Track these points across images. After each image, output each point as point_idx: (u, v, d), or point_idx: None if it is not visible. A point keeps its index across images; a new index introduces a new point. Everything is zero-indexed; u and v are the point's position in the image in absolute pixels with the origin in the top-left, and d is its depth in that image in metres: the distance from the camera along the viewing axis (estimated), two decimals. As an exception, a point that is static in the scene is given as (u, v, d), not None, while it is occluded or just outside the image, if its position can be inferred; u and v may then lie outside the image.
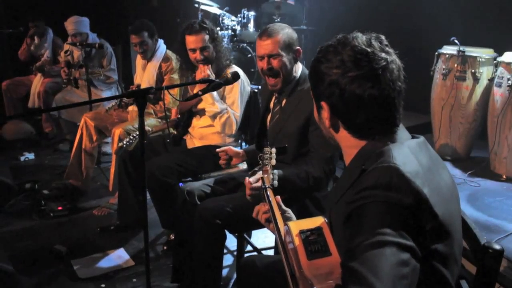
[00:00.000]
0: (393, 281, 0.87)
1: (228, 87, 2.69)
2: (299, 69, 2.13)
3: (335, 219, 1.16)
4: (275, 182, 1.65)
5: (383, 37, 1.12)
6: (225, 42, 4.69)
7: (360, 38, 1.09)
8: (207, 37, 2.67)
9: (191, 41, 2.66)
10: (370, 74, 1.05)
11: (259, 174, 1.80)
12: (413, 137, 1.13)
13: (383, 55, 1.06)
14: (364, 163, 1.04)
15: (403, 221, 0.93)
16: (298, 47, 2.09)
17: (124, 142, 2.79)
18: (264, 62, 2.06)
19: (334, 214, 1.16)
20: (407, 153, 1.04)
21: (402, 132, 1.11)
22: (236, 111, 2.70)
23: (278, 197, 1.55)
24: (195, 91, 2.28)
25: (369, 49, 1.06)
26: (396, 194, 0.94)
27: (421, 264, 0.95)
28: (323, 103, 1.14)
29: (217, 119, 2.66)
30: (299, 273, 1.17)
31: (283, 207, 1.55)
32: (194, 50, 2.67)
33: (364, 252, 0.90)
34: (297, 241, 1.19)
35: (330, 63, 1.09)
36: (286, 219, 1.49)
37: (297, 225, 1.24)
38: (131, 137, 2.80)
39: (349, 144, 1.15)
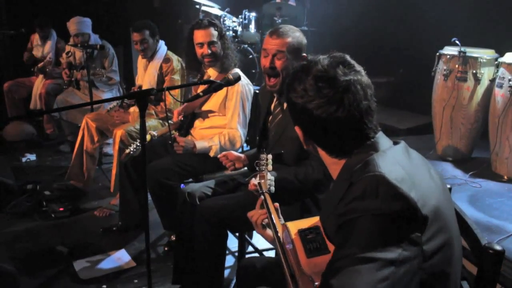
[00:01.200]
0: None
1: (228, 106, 2.70)
2: None
3: (329, 232, 1.17)
4: (272, 188, 1.67)
5: (347, 57, 1.13)
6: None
7: (321, 63, 1.10)
8: (215, 33, 2.68)
9: (200, 35, 2.66)
10: (333, 99, 1.06)
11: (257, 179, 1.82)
12: (394, 143, 1.14)
13: (344, 78, 1.07)
14: (352, 176, 1.06)
15: (391, 231, 0.94)
16: (304, 54, 2.08)
17: (131, 149, 2.79)
18: (267, 60, 2.06)
19: (327, 227, 1.17)
20: (391, 160, 1.05)
21: (383, 140, 1.12)
22: (233, 127, 2.69)
23: (277, 204, 1.57)
24: (199, 91, 2.29)
25: (330, 74, 1.07)
26: (384, 202, 0.95)
27: (418, 267, 0.96)
28: (296, 128, 1.18)
29: (222, 147, 2.65)
30: (298, 272, 1.17)
31: (279, 213, 1.56)
32: (201, 45, 2.67)
33: (344, 267, 0.93)
34: (295, 240, 1.20)
35: (295, 93, 1.12)
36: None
37: (296, 225, 1.25)
38: (138, 144, 2.79)
39: (330, 162, 1.18)
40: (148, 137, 2.70)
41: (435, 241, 0.99)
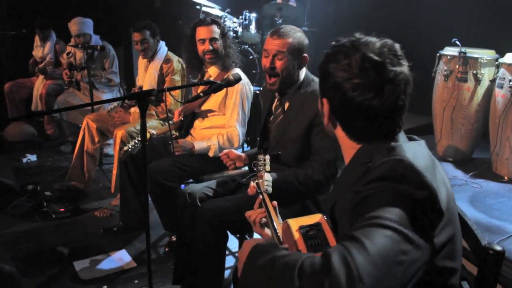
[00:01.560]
0: (388, 261, 0.85)
1: (228, 104, 2.71)
2: (302, 72, 2.12)
3: (339, 216, 1.15)
4: (269, 189, 1.69)
5: (397, 46, 1.08)
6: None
7: (372, 45, 1.06)
8: (218, 30, 2.70)
9: (202, 32, 2.68)
10: (374, 85, 1.03)
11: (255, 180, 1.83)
12: (409, 139, 1.14)
13: (391, 67, 1.04)
14: (370, 161, 1.04)
15: (411, 215, 0.91)
16: (305, 55, 2.08)
17: (130, 147, 2.79)
18: (268, 60, 2.06)
19: (338, 211, 1.16)
20: (413, 150, 1.04)
21: (401, 134, 1.12)
22: (232, 125, 2.70)
23: (275, 202, 1.57)
24: (199, 91, 2.30)
25: (378, 59, 1.04)
26: (408, 187, 0.93)
27: (429, 260, 0.95)
28: (324, 100, 1.15)
29: (221, 146, 2.66)
30: None
31: (277, 212, 1.56)
32: (203, 41, 2.69)
33: (368, 226, 0.89)
34: (296, 236, 1.20)
35: (338, 65, 1.08)
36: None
37: (296, 222, 1.25)
38: (136, 141, 2.80)
39: (346, 145, 1.16)
40: (147, 135, 2.71)
41: (444, 234, 0.99)
